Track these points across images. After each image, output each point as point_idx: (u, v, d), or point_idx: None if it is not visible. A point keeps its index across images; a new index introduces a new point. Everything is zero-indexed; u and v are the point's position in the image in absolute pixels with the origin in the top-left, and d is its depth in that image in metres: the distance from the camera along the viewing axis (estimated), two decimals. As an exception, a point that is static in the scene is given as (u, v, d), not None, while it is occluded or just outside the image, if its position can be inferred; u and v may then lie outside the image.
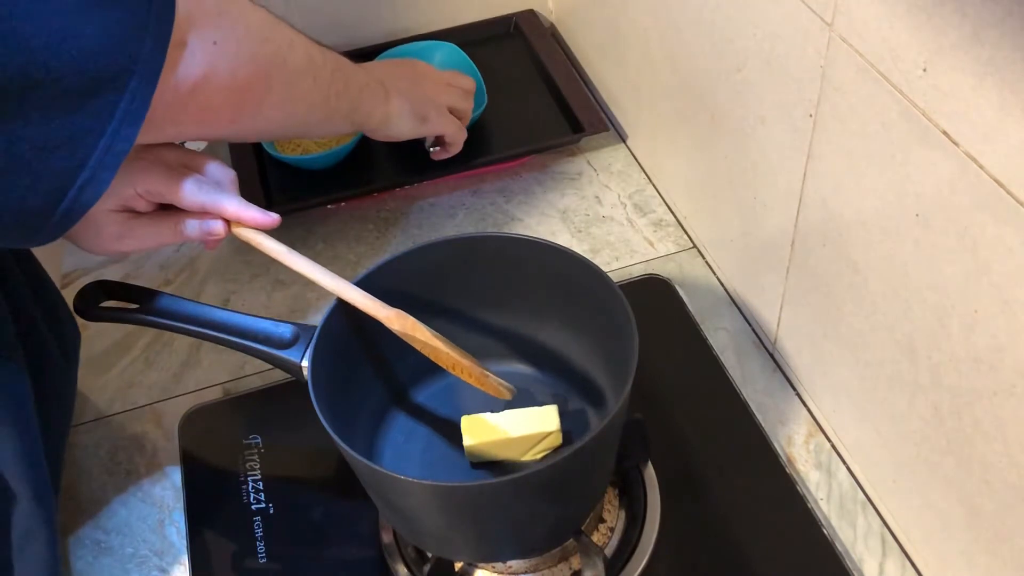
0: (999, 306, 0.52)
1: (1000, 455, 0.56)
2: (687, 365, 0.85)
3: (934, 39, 0.52)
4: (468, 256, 0.72)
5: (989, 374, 0.55)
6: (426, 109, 0.87)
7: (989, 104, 0.49)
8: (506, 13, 1.25)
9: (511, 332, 0.77)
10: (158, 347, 0.91)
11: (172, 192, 0.65)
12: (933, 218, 0.56)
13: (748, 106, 0.76)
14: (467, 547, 0.68)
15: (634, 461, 0.74)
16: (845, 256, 0.67)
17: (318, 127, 0.78)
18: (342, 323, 0.70)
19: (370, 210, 1.04)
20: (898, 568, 0.70)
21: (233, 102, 0.61)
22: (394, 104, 0.82)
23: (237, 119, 0.64)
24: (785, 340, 0.82)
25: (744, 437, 0.79)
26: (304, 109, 0.71)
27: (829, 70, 0.63)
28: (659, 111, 0.97)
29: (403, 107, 0.83)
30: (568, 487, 0.63)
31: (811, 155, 0.68)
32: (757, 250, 0.83)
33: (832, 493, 0.75)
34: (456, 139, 0.94)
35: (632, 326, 0.63)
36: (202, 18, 0.56)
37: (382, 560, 0.72)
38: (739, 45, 0.75)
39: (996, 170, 0.50)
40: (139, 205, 0.66)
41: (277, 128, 0.74)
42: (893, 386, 0.66)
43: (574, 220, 1.01)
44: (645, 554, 0.70)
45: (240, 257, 1.00)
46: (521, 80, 1.17)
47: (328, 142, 1.07)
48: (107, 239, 0.66)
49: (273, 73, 0.64)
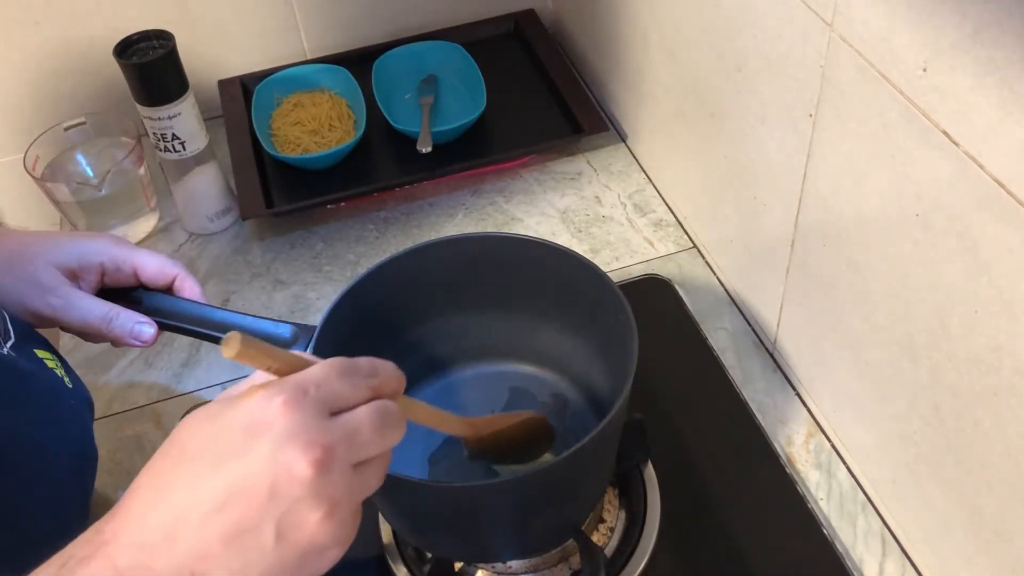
0: (999, 306, 0.52)
1: (1000, 455, 0.56)
2: (687, 365, 0.85)
3: (934, 39, 0.52)
4: (468, 256, 0.72)
5: (989, 374, 0.55)
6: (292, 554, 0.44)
7: (989, 104, 0.49)
8: (506, 13, 1.25)
9: (511, 332, 0.77)
10: (158, 347, 0.91)
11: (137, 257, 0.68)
12: (933, 218, 0.56)
13: (748, 106, 0.76)
14: (467, 547, 0.68)
15: (634, 461, 0.74)
16: (845, 256, 0.67)
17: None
18: (342, 323, 0.70)
19: (370, 210, 1.04)
20: (898, 568, 0.70)
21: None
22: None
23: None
24: (785, 340, 0.82)
25: (744, 437, 0.79)
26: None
27: (829, 70, 0.63)
28: (659, 111, 0.97)
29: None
30: (568, 487, 0.63)
31: (811, 155, 0.68)
32: (757, 250, 0.83)
33: (832, 493, 0.75)
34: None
35: (632, 326, 0.63)
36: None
37: (382, 560, 0.72)
38: (739, 45, 0.75)
39: (996, 170, 0.50)
40: (88, 278, 0.67)
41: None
42: (893, 386, 0.66)
43: (574, 220, 1.00)
44: (645, 554, 0.70)
45: (240, 257, 1.00)
46: (521, 80, 1.17)
47: (328, 142, 1.07)
48: (38, 293, 0.66)
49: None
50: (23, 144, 0.99)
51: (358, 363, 0.46)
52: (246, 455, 0.42)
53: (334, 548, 0.45)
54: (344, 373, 0.45)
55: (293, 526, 0.42)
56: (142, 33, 0.90)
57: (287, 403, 0.42)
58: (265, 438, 0.42)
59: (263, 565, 0.42)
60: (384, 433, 0.46)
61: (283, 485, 0.41)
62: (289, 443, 0.42)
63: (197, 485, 0.42)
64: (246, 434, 0.42)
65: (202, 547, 0.42)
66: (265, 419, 0.42)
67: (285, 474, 0.41)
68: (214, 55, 1.17)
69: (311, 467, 0.42)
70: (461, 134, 1.07)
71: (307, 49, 1.20)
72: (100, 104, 1.10)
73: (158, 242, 1.03)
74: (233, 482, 0.42)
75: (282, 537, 0.42)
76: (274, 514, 0.42)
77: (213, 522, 0.41)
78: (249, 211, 1.01)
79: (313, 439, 0.42)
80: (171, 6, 1.10)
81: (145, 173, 1.02)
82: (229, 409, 0.43)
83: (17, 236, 0.69)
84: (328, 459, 0.42)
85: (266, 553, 0.42)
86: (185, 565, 0.42)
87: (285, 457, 0.41)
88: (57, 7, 1.06)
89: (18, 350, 0.62)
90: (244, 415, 0.43)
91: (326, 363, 0.45)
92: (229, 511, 0.41)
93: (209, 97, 1.16)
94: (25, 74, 1.10)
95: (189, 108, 0.94)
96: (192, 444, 0.43)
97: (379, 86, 1.11)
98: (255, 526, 0.42)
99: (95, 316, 0.66)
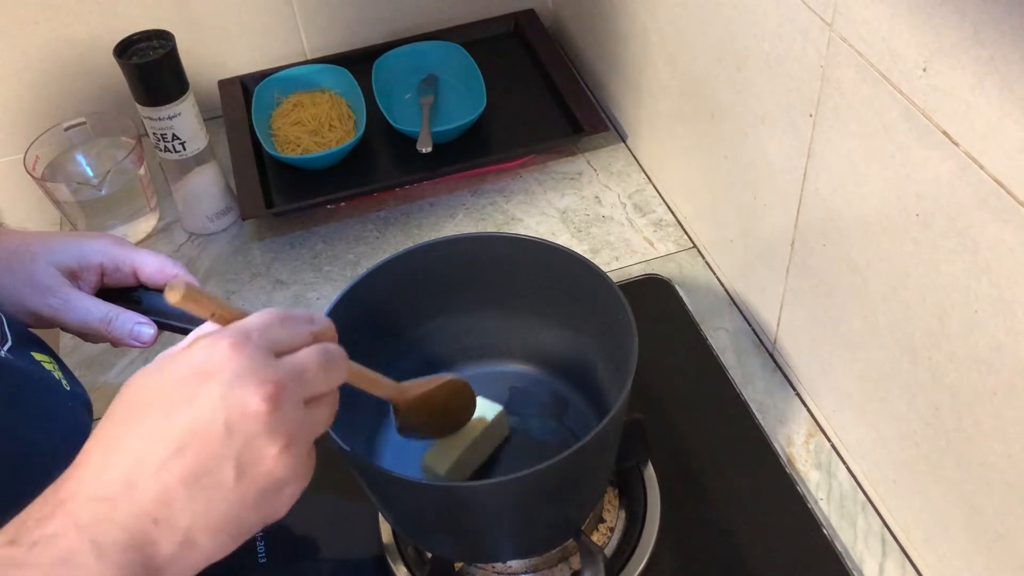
0: (999, 306, 0.52)
1: (1000, 455, 0.56)
2: (687, 365, 0.85)
3: (934, 39, 0.52)
4: (468, 256, 0.72)
5: (989, 374, 0.55)
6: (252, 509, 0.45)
7: (989, 104, 0.49)
8: (506, 13, 1.25)
9: (511, 332, 0.77)
10: (158, 347, 0.91)
11: (136, 257, 0.68)
12: (933, 218, 0.56)
13: (748, 106, 0.76)
14: (467, 547, 0.68)
15: (634, 461, 0.74)
16: (845, 256, 0.67)
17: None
18: (341, 323, 0.70)
19: (370, 210, 1.04)
20: (898, 568, 0.70)
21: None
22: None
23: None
24: (785, 340, 0.82)
25: (744, 437, 0.79)
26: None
27: (829, 70, 0.63)
28: (659, 111, 0.97)
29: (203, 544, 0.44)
30: (568, 487, 0.63)
31: (811, 155, 0.68)
32: (757, 250, 0.83)
33: (832, 493, 0.75)
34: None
35: (632, 326, 0.63)
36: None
37: (382, 560, 0.72)
38: (739, 45, 0.75)
39: (996, 170, 0.50)
40: (87, 279, 0.67)
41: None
42: (893, 386, 0.66)
43: (574, 220, 1.00)
44: (645, 554, 0.70)
45: (240, 257, 1.00)
46: (521, 80, 1.17)
47: (328, 142, 1.07)
48: (37, 293, 0.66)
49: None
50: (23, 144, 0.99)
51: (294, 311, 0.48)
52: (198, 398, 0.43)
53: (292, 484, 0.45)
54: (284, 319, 0.47)
55: (251, 462, 0.43)
56: (142, 33, 0.90)
57: (233, 346, 0.44)
58: (215, 380, 0.43)
59: (224, 505, 0.43)
60: (329, 370, 0.47)
61: (238, 422, 0.43)
62: (240, 382, 0.43)
63: (152, 434, 0.43)
64: (196, 379, 0.43)
65: (163, 492, 0.42)
66: (213, 363, 0.43)
67: (239, 411, 0.43)
68: (214, 55, 1.17)
69: (264, 402, 0.43)
70: (461, 134, 1.07)
71: (307, 49, 1.20)
72: (100, 104, 1.10)
73: (158, 242, 1.03)
74: (189, 425, 0.42)
75: (242, 474, 0.43)
76: (232, 451, 0.43)
77: (172, 466, 0.42)
78: (249, 211, 1.01)
79: (263, 376, 0.43)
80: (171, 6, 1.10)
81: (145, 173, 1.02)
82: (173, 361, 0.45)
83: (17, 236, 0.69)
84: (280, 394, 0.43)
85: (227, 492, 0.43)
86: (147, 512, 0.42)
87: (238, 395, 0.43)
88: (57, 7, 1.06)
89: (15, 353, 0.62)
90: (190, 363, 0.44)
91: (265, 311, 0.47)
92: (187, 453, 0.42)
93: (209, 97, 1.16)
94: (25, 74, 1.10)
95: (189, 108, 0.94)
96: (141, 397, 0.44)
97: (379, 86, 1.11)
98: (215, 466, 0.43)
99: (94, 317, 0.66)
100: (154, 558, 0.42)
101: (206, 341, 0.44)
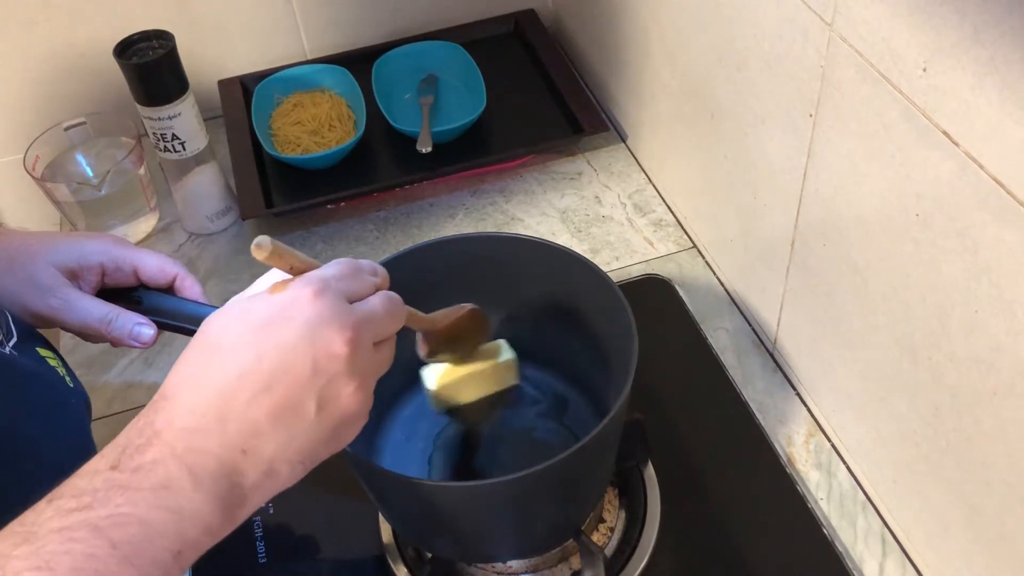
0: (999, 306, 0.52)
1: (1000, 455, 0.56)
2: (687, 365, 0.85)
3: (934, 39, 0.52)
4: (468, 256, 0.72)
5: (989, 374, 0.55)
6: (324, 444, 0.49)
7: (989, 104, 0.49)
8: (506, 13, 1.25)
9: (511, 332, 0.77)
10: (158, 347, 0.91)
11: (137, 256, 0.68)
12: (933, 218, 0.56)
13: (748, 106, 0.76)
14: (467, 547, 0.68)
15: (634, 461, 0.74)
16: (845, 256, 0.67)
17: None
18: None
19: (370, 210, 1.04)
20: (898, 568, 0.70)
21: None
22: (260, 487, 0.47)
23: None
24: (785, 340, 0.82)
25: (744, 437, 0.79)
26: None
27: (829, 70, 0.63)
28: (659, 111, 0.97)
29: (281, 474, 0.48)
30: (568, 487, 0.63)
31: (811, 155, 0.68)
32: (757, 250, 0.83)
33: (832, 493, 0.75)
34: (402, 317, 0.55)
35: (632, 326, 0.63)
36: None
37: (382, 560, 0.72)
38: (739, 45, 0.75)
39: (996, 170, 0.50)
40: (88, 279, 0.67)
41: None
42: (893, 386, 0.66)
43: (574, 220, 1.00)
44: (645, 554, 0.70)
45: (241, 257, 1.00)
46: (521, 80, 1.17)
47: (328, 142, 1.07)
48: (37, 293, 0.66)
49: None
50: (23, 144, 0.99)
51: (361, 263, 0.53)
52: (285, 339, 0.46)
53: (360, 418, 0.50)
54: (356, 270, 0.52)
55: (331, 398, 0.48)
56: (142, 33, 0.90)
57: (317, 292, 0.48)
58: (301, 323, 0.47)
59: (305, 436, 0.47)
60: (394, 316, 0.52)
61: (323, 362, 0.47)
62: (324, 326, 0.47)
63: (242, 370, 0.46)
64: (282, 320, 0.47)
65: (252, 426, 0.46)
66: (297, 308, 0.47)
67: (324, 352, 0.47)
68: (214, 55, 1.17)
69: (346, 345, 0.47)
70: (461, 134, 1.07)
71: (307, 49, 1.20)
72: (100, 104, 1.10)
73: (158, 242, 1.03)
74: (277, 363, 0.46)
75: (322, 408, 0.47)
76: (316, 388, 0.47)
77: (261, 401, 0.46)
78: (249, 211, 1.01)
79: (344, 322, 0.48)
80: (171, 6, 1.10)
81: (145, 173, 1.02)
82: (256, 303, 0.48)
83: (17, 236, 0.69)
84: (357, 338, 0.48)
85: (308, 425, 0.47)
86: (237, 444, 0.46)
87: (323, 338, 0.47)
88: (57, 7, 1.06)
89: (20, 349, 0.62)
90: (274, 307, 0.48)
91: (338, 262, 0.52)
92: (276, 389, 0.46)
93: (209, 97, 1.16)
94: (25, 74, 1.10)
95: (189, 108, 0.94)
96: (227, 337, 0.48)
97: (379, 86, 1.11)
98: (300, 401, 0.47)
99: (94, 317, 0.66)
100: (241, 485, 0.46)
101: (289, 288, 0.48)
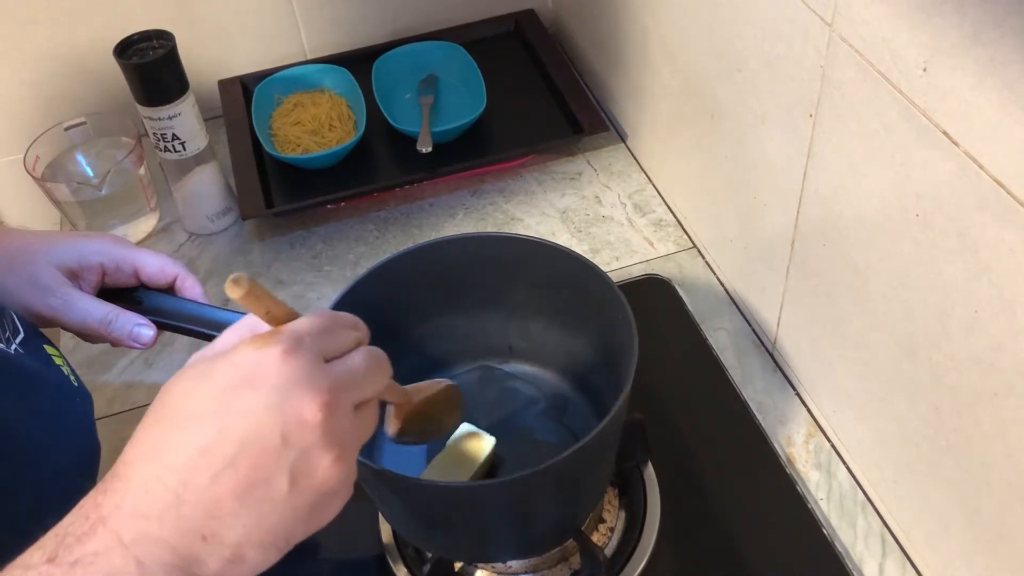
0: (999, 306, 0.52)
1: (1000, 455, 0.56)
2: (687, 365, 0.85)
3: (934, 39, 0.52)
4: (468, 256, 0.72)
5: (989, 374, 0.55)
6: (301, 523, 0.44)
7: (989, 104, 0.49)
8: (506, 13, 1.25)
9: (511, 332, 0.77)
10: (158, 347, 0.91)
11: (137, 256, 0.68)
12: (933, 218, 0.56)
13: (748, 106, 0.76)
14: (467, 547, 0.68)
15: (634, 461, 0.74)
16: (845, 256, 0.67)
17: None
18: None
19: (370, 210, 1.04)
20: (898, 568, 0.70)
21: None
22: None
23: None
24: (785, 340, 0.82)
25: (744, 437, 0.79)
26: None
27: (829, 70, 0.63)
28: (659, 111, 0.97)
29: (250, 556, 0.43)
30: (568, 487, 0.63)
31: (811, 155, 0.68)
32: (757, 250, 0.83)
33: (832, 493, 0.75)
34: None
35: (632, 326, 0.63)
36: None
37: (382, 560, 0.72)
38: (739, 45, 0.75)
39: (996, 170, 0.50)
40: (88, 278, 0.67)
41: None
42: (893, 386, 0.66)
43: (574, 220, 1.00)
44: (645, 554, 0.70)
45: (241, 257, 1.00)
46: (521, 80, 1.17)
47: (328, 142, 1.07)
48: (38, 293, 0.66)
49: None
50: (23, 144, 0.99)
51: (341, 315, 0.47)
52: (251, 407, 0.41)
53: (342, 493, 0.44)
54: (334, 323, 0.46)
55: (306, 472, 0.42)
56: (142, 33, 0.90)
57: (287, 351, 0.42)
58: (269, 389, 0.41)
59: (276, 516, 0.42)
60: (377, 374, 0.46)
61: (294, 432, 0.41)
62: (295, 390, 0.41)
63: (202, 445, 0.40)
64: (247, 386, 0.41)
65: (213, 507, 0.40)
66: (264, 370, 0.41)
67: (295, 420, 0.41)
68: (214, 55, 1.16)
69: (320, 411, 0.41)
70: (461, 134, 1.07)
71: (307, 49, 1.20)
72: (100, 104, 1.10)
73: (158, 242, 1.03)
74: (242, 436, 0.40)
75: (295, 484, 0.41)
76: (287, 462, 0.41)
77: (224, 479, 0.40)
78: (249, 211, 1.01)
79: (317, 384, 0.42)
80: (171, 6, 1.10)
81: (145, 173, 1.02)
82: (220, 366, 0.42)
83: (17, 236, 0.69)
84: (334, 402, 0.42)
85: (279, 503, 0.41)
86: (195, 529, 0.40)
87: (293, 404, 0.41)
88: (57, 7, 1.06)
89: (27, 347, 0.62)
90: (240, 368, 0.42)
91: (314, 314, 0.46)
92: (240, 466, 0.40)
93: (209, 97, 1.16)
94: (25, 74, 1.10)
95: (189, 108, 0.94)
96: (187, 405, 0.42)
97: (379, 86, 1.11)
98: (268, 478, 0.41)
99: (94, 318, 0.66)
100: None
101: (256, 345, 0.42)
